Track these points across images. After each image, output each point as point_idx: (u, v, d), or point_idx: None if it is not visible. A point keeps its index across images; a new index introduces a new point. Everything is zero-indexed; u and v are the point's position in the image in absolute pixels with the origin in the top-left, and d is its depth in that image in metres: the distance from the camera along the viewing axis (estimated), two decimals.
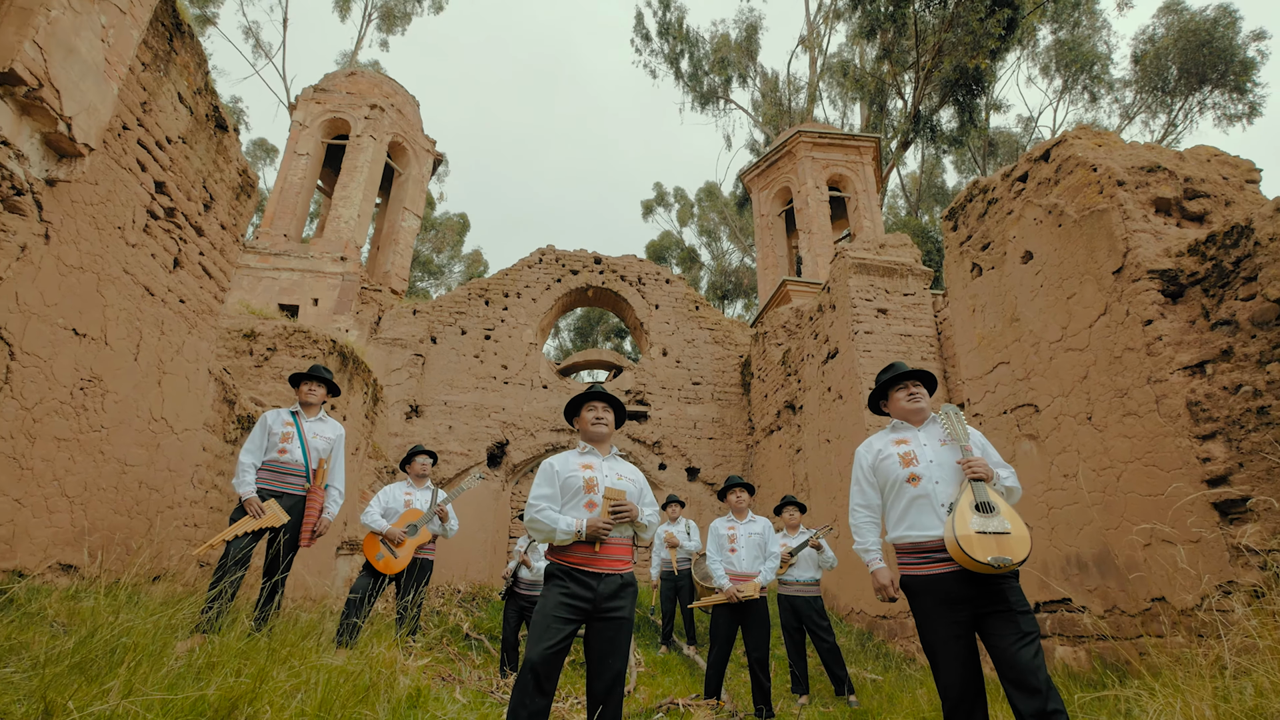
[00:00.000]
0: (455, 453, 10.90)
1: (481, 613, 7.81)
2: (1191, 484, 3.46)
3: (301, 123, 13.65)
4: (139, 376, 3.78)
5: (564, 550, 2.69)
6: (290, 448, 3.76)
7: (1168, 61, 26.77)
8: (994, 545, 2.30)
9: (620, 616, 2.63)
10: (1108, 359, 4.12)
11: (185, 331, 4.20)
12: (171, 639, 2.77)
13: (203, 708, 2.23)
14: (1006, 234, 5.22)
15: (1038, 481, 4.64)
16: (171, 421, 4.10)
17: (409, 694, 3.31)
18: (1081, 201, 4.44)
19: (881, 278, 8.07)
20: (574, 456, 2.88)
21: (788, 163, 15.69)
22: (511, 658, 5.83)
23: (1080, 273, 4.40)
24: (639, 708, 4.30)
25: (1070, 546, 4.29)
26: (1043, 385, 4.68)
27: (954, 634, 2.39)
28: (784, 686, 5.47)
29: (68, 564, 3.28)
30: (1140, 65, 28.25)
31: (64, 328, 3.20)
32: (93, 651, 2.36)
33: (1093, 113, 31.92)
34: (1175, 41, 25.89)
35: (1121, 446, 3.94)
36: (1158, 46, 27.01)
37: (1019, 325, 4.99)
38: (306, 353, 6.51)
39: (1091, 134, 4.70)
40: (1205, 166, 4.36)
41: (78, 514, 3.34)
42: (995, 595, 2.35)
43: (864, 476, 2.75)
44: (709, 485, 11.42)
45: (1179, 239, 4.00)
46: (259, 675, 2.32)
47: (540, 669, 2.45)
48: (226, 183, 4.59)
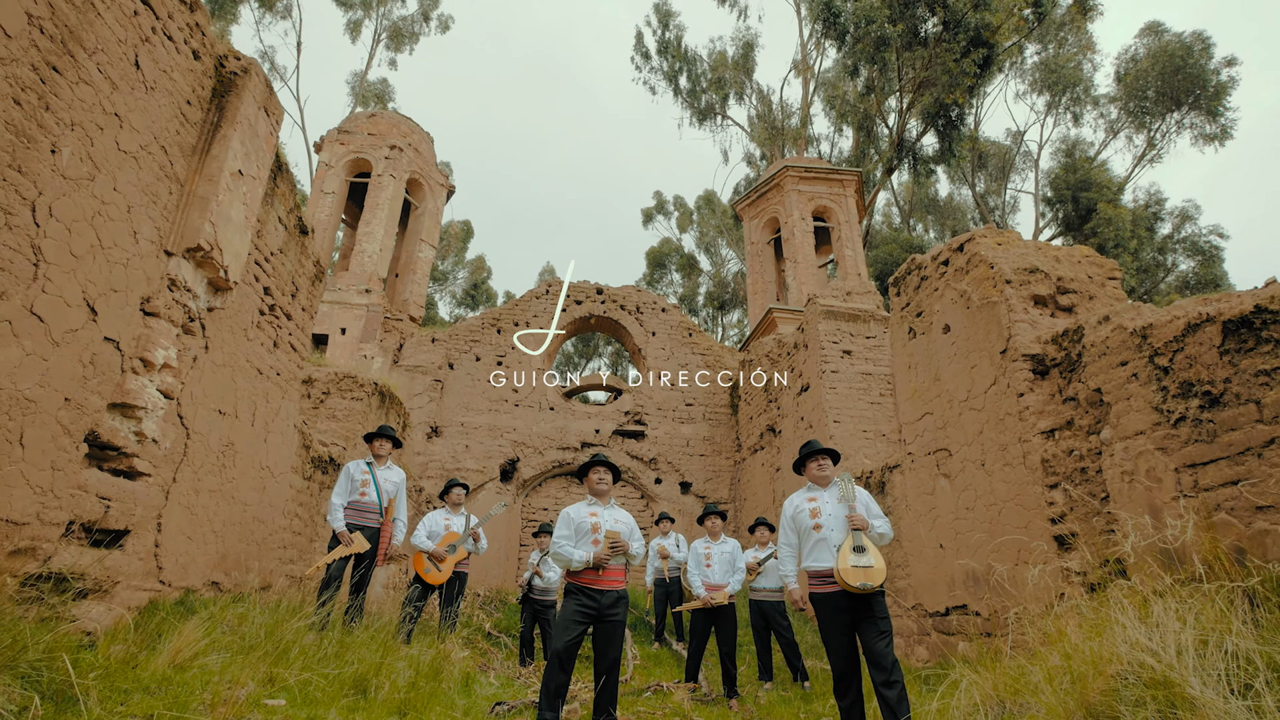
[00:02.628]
0: (471, 470, 12.12)
1: (499, 614, 9.03)
2: (1042, 521, 4.65)
3: (327, 163, 14.86)
4: (254, 437, 5.00)
5: (577, 573, 3.89)
6: (368, 491, 4.99)
7: (1146, 83, 27.92)
8: (862, 575, 3.50)
9: (616, 620, 3.84)
10: (996, 419, 5.31)
11: (280, 398, 5.41)
12: (304, 634, 3.97)
13: (345, 680, 3.44)
14: (933, 307, 6.41)
15: (950, 511, 5.84)
16: (272, 468, 5.32)
17: (462, 675, 4.53)
18: (982, 292, 5.63)
19: (847, 322, 9.26)
20: (584, 506, 4.08)
21: (776, 194, 16.88)
22: (528, 651, 7.04)
23: (980, 348, 5.60)
24: (633, 689, 5.51)
25: (970, 564, 5.49)
26: (955, 435, 5.88)
27: (840, 631, 3.60)
28: (753, 674, 6.67)
29: (215, 581, 4.49)
30: (1123, 84, 29.41)
31: (214, 410, 4.41)
32: (267, 642, 3.57)
33: (1078, 130, 33.09)
34: (1153, 65, 27.05)
35: (1002, 488, 5.14)
36: (1137, 68, 28.16)
37: (940, 384, 6.18)
38: (354, 395, 7.73)
39: (995, 234, 5.88)
40: (1077, 267, 5.54)
41: (220, 545, 4.56)
42: (865, 607, 3.55)
43: (787, 524, 3.95)
44: (700, 498, 12.63)
45: (1049, 328, 5.18)
46: (380, 660, 3.53)
47: (563, 655, 3.66)
48: (306, 275, 5.81)
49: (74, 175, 3.08)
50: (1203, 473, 3.55)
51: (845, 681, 3.57)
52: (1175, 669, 2.33)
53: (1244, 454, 3.33)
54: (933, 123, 19.76)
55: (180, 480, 4.07)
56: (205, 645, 3.11)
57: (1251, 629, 2.62)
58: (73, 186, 3.07)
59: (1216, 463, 3.47)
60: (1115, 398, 4.22)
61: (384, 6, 32.17)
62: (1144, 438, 3.94)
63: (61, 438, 3.10)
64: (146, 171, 3.58)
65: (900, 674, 3.40)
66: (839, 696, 3.61)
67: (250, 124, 4.33)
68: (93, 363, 3.27)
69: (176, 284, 3.86)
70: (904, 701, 3.31)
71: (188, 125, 3.95)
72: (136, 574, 3.73)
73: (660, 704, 5.05)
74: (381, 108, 35.76)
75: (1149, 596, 3.15)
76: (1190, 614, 2.64)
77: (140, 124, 3.51)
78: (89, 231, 3.18)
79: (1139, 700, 2.37)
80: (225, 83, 4.27)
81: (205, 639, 3.29)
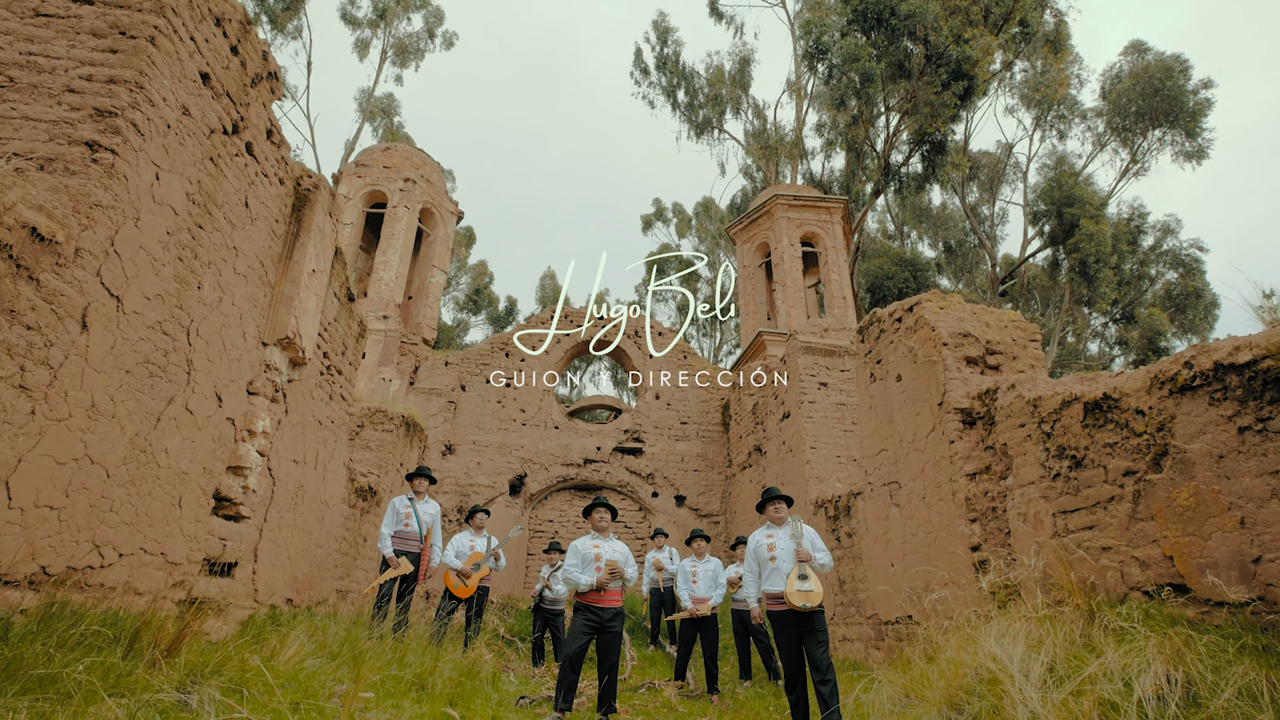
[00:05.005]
0: (483, 485, 13.17)
1: (511, 619, 10.08)
2: (965, 549, 5.68)
3: (346, 195, 15.90)
4: (316, 477, 6.03)
5: (584, 594, 4.93)
6: (410, 522, 6.04)
7: (1129, 101, 28.92)
8: (804, 597, 4.53)
9: (615, 631, 4.87)
10: (933, 460, 6.33)
11: (334, 441, 6.45)
12: (373, 641, 5.00)
13: (407, 679, 4.47)
14: (889, 357, 7.43)
15: (899, 535, 6.87)
16: (328, 501, 6.36)
17: (490, 674, 5.57)
18: (925, 350, 6.66)
19: (824, 357, 10.29)
20: (589, 540, 5.12)
21: (767, 220, 17.91)
22: (539, 654, 8.07)
23: (923, 398, 6.62)
24: (629, 686, 6.55)
25: (915, 582, 6.51)
26: (904, 470, 6.91)
27: (790, 640, 4.63)
28: (735, 674, 7.71)
29: (289, 598, 5.54)
30: (1108, 100, 30.42)
31: (290, 460, 5.45)
32: (345, 649, 4.60)
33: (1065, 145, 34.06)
34: (1134, 84, 28.06)
35: (937, 519, 6.17)
36: (1120, 86, 29.17)
37: (893, 425, 7.21)
38: (385, 427, 8.77)
39: (939, 299, 6.90)
40: (1004, 330, 6.57)
41: (292, 568, 5.60)
42: (808, 622, 4.58)
43: (751, 555, 4.99)
44: (694, 510, 13.68)
45: (977, 385, 6.19)
46: (434, 663, 4.56)
47: (573, 659, 4.70)
48: (352, 334, 6.84)
49: (210, 301, 4.12)
50: (1070, 519, 4.57)
51: (793, 680, 4.61)
52: (1004, 670, 3.36)
53: (1095, 506, 4.35)
54: (918, 147, 20.79)
55: (269, 520, 5.11)
56: (307, 651, 4.14)
57: (1073, 640, 3.64)
58: (209, 310, 4.11)
59: (1078, 511, 4.50)
60: (1016, 452, 5.25)
61: (390, 27, 33.16)
62: (1033, 487, 4.97)
63: (201, 497, 4.14)
64: (251, 284, 4.62)
65: (833, 674, 4.43)
66: (789, 691, 4.65)
67: (320, 230, 5.37)
68: (218, 438, 4.31)
69: (269, 366, 4.90)
70: (835, 695, 4.34)
71: (276, 239, 4.99)
72: (241, 595, 4.77)
73: (653, 699, 6.10)
74: (387, 121, 36.81)
75: (1023, 616, 4.18)
76: (1026, 630, 3.67)
77: (247, 249, 4.55)
78: (218, 340, 4.22)
79: (979, 693, 3.39)
80: (301, 197, 5.31)
81: (304, 647, 4.32)
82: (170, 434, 3.76)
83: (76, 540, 3.08)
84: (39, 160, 3.09)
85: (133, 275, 3.36)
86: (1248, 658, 3.05)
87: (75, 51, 3.34)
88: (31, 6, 3.41)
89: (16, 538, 2.74)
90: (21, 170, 3.04)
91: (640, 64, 33.42)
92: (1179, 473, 3.75)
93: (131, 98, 3.29)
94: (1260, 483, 3.32)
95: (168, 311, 3.68)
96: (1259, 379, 3.36)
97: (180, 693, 2.80)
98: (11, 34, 3.32)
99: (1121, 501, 4.13)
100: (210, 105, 4.01)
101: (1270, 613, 3.21)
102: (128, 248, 3.31)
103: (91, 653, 2.63)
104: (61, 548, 2.99)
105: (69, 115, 3.20)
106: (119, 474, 3.35)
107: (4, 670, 2.25)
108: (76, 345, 3.00)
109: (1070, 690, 3.07)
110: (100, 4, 3.45)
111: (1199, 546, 3.60)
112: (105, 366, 3.19)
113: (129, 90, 3.30)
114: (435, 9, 34.96)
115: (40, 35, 3.35)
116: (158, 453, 3.65)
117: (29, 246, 2.73)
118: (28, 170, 3.05)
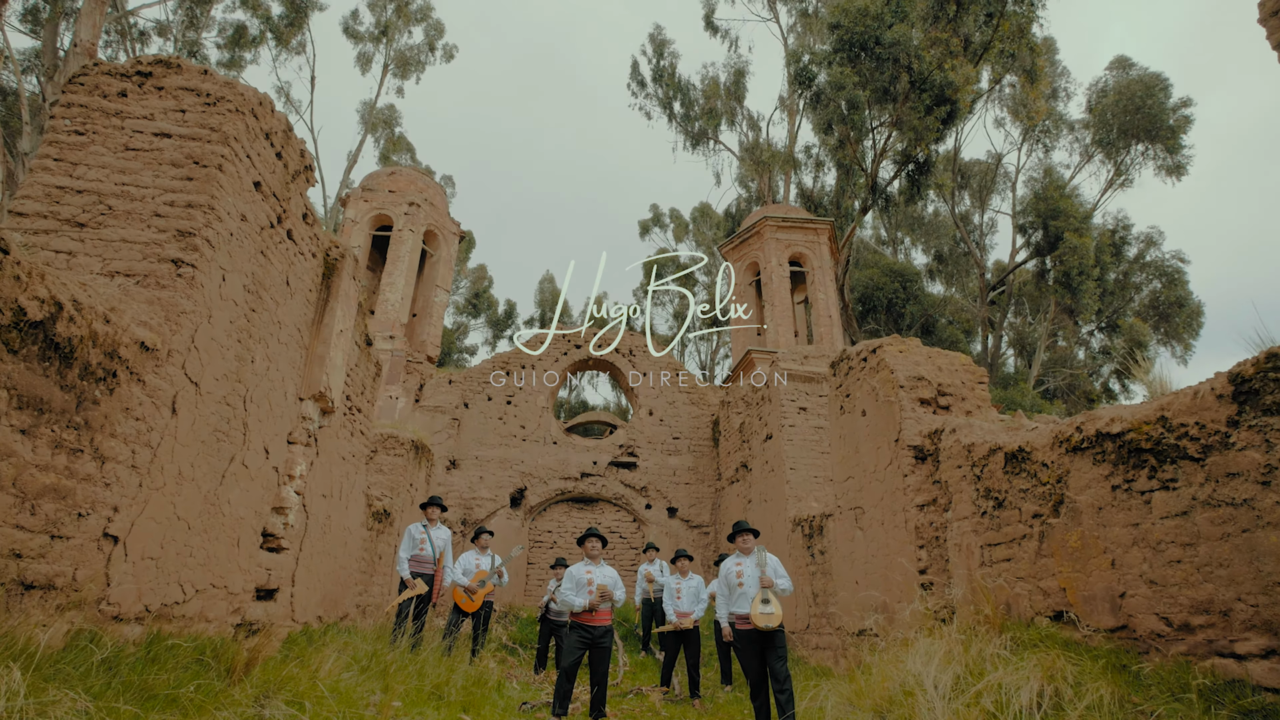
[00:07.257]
0: (485, 498, 13.93)
1: (514, 628, 10.84)
2: (914, 572, 6.44)
3: (353, 219, 16.64)
4: (340, 506, 6.79)
5: (578, 613, 5.68)
6: (425, 547, 6.80)
7: (1113, 116, 29.71)
8: (766, 619, 5.29)
9: (605, 646, 5.64)
10: (891, 490, 7.09)
11: (355, 474, 7.21)
12: (385, 656, 5.75)
13: (427, 690, 5.23)
14: (856, 393, 8.19)
15: (863, 555, 7.63)
16: (350, 527, 7.11)
17: (496, 682, 6.33)
18: (885, 391, 7.41)
19: (804, 383, 11.06)
20: (582, 566, 5.88)
21: (756, 241, 18.67)
22: (542, 662, 8.84)
23: (882, 433, 7.38)
24: (620, 691, 7.32)
25: (876, 598, 7.27)
26: (867, 497, 7.67)
27: (754, 654, 5.39)
28: (717, 680, 8.48)
29: (319, 615, 6.30)
30: (1093, 114, 31.21)
31: (320, 495, 6.21)
32: (374, 663, 5.35)
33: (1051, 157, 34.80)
34: (1117, 100, 28.85)
35: (893, 544, 6.93)
36: (1105, 101, 29.96)
37: (859, 455, 7.97)
38: (396, 452, 9.52)
39: (899, 343, 7.66)
40: (955, 374, 7.33)
41: (321, 589, 6.36)
42: (769, 640, 5.34)
43: (722, 580, 5.75)
44: (685, 522, 14.46)
45: (929, 424, 6.94)
46: (448, 675, 5.33)
47: (569, 671, 5.46)
48: (370, 375, 7.59)
49: (260, 371, 4.87)
50: (994, 551, 5.33)
51: (756, 689, 5.39)
52: (919, 683, 4.11)
53: (1011, 542, 5.11)
54: (903, 167, 21.55)
55: (304, 548, 5.87)
56: (342, 666, 4.90)
57: (982, 657, 4.40)
58: (260, 378, 4.87)
59: (999, 545, 5.26)
60: (955, 489, 6.02)
61: (392, 42, 33.85)
62: (966, 521, 5.73)
63: (253, 536, 4.90)
64: (291, 350, 5.38)
65: (790, 684, 5.20)
66: (753, 699, 5.42)
67: (346, 294, 6.13)
68: (266, 485, 5.07)
69: (304, 418, 5.66)
70: (791, 701, 5.10)
71: (309, 306, 5.74)
72: (281, 616, 5.53)
73: (640, 704, 6.86)
74: (389, 131, 37.49)
75: (948, 636, 4.94)
76: (946, 648, 4.43)
77: (288, 320, 5.31)
78: (265, 402, 4.98)
79: (899, 702, 4.16)
80: (329, 265, 6.06)
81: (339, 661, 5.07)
82: (231, 487, 4.52)
83: (168, 582, 3.84)
84: (137, 277, 3.85)
85: (207, 363, 4.11)
86: (1109, 675, 3.81)
87: (159, 180, 4.09)
88: (122, 142, 4.16)
89: (130, 585, 3.50)
90: (124, 287, 3.79)
91: (637, 76, 34.13)
92: (1071, 518, 4.51)
93: (205, 218, 4.04)
94: (1125, 531, 4.07)
95: (230, 386, 4.44)
96: (1125, 447, 4.11)
97: (256, 706, 3.56)
98: (108, 167, 4.08)
99: (1030, 539, 4.88)
100: (260, 206, 4.76)
101: (1129, 638, 3.96)
102: (203, 340, 4.07)
103: (193, 674, 3.38)
104: (158, 589, 3.75)
105: (157, 237, 3.95)
106: (196, 525, 4.11)
107: (139, 691, 3.00)
108: (169, 427, 3.76)
109: (964, 701, 3.83)
110: (177, 137, 4.21)
111: (1083, 581, 4.36)
112: (188, 440, 3.95)
113: (203, 212, 4.05)
114: (435, 22, 35.68)
115: (130, 167, 4.10)
116: (223, 504, 4.41)
117: (138, 356, 3.48)
118: (128, 286, 3.81)
